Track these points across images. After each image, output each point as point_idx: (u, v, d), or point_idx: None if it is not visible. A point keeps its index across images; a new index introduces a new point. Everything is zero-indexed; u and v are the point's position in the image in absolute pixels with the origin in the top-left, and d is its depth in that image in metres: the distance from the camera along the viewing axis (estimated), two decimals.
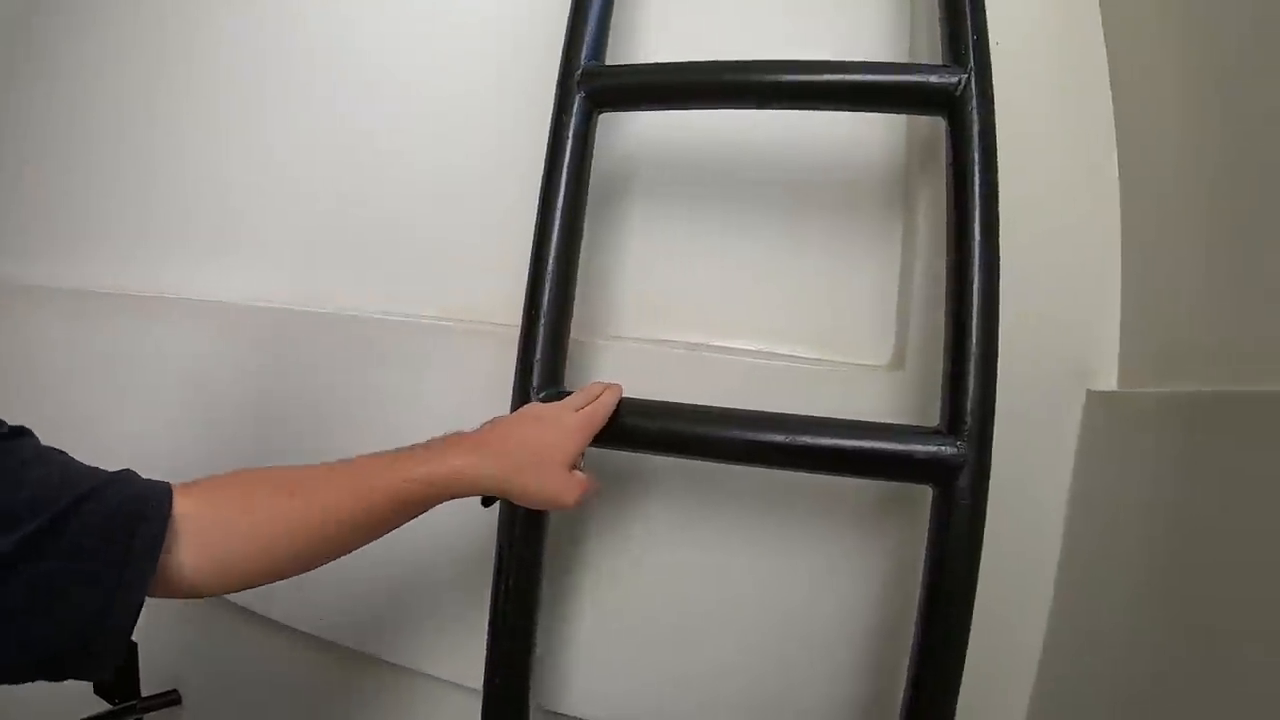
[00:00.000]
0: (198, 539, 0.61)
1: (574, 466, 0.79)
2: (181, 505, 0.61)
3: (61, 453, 0.60)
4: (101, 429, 1.43)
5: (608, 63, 0.98)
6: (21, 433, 0.60)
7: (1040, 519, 0.87)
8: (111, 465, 0.62)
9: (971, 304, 0.79)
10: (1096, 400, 0.87)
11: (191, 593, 0.62)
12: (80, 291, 1.52)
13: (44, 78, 1.84)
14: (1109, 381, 0.88)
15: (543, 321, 0.90)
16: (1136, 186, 0.89)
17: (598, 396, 0.84)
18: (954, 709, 0.78)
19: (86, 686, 1.43)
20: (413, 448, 0.75)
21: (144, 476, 0.62)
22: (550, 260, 0.90)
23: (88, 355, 1.50)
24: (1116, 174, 0.91)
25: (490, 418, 0.82)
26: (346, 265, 1.22)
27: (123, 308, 1.44)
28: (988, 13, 0.87)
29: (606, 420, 0.82)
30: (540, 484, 0.75)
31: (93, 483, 0.58)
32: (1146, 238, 0.87)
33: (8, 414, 0.64)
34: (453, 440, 0.76)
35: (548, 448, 0.76)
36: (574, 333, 0.94)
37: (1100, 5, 0.95)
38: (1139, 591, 0.75)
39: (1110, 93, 0.93)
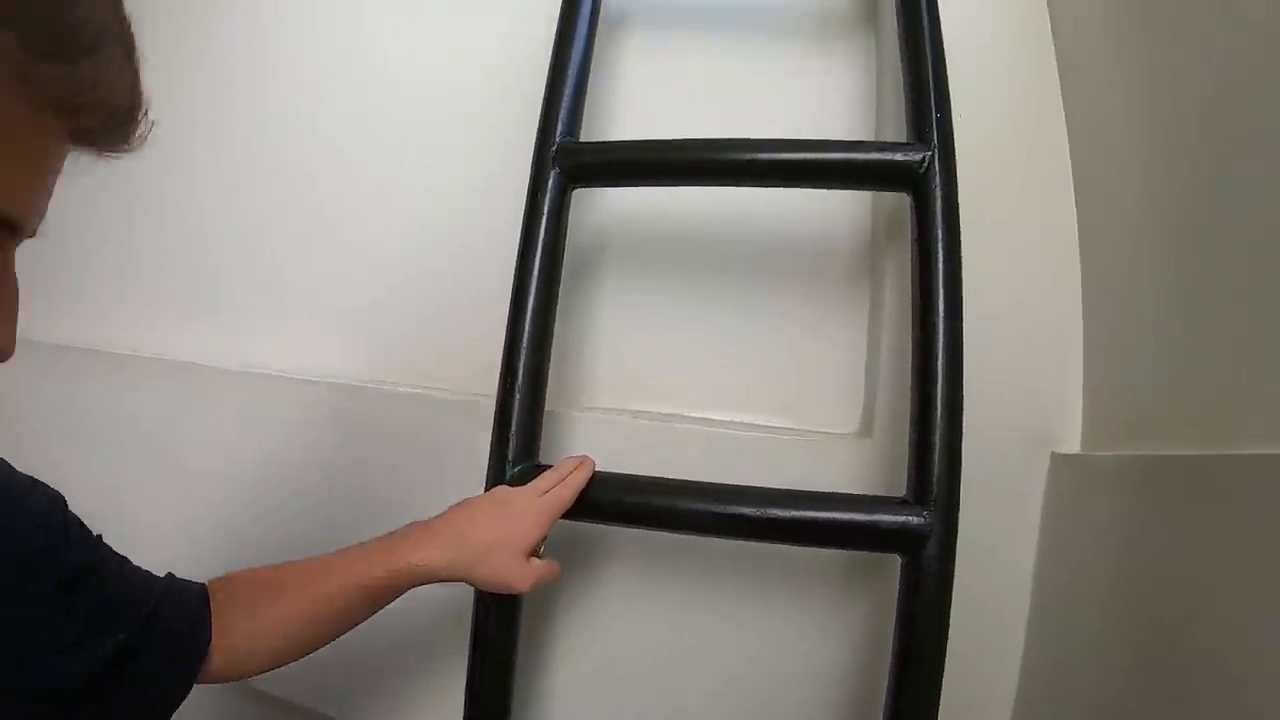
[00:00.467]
0: (216, 642, 0.71)
1: (534, 552, 0.80)
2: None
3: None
4: (75, 483, 1.41)
5: (583, 138, 1.00)
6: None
7: (1009, 579, 0.89)
8: (85, 519, 0.69)
9: (936, 377, 0.81)
10: (1061, 463, 0.89)
11: (206, 680, 0.71)
12: (59, 347, 1.52)
13: None
14: (1073, 444, 0.90)
15: (518, 395, 0.91)
16: (1097, 254, 0.92)
17: (569, 473, 0.85)
18: None
19: None
20: (380, 540, 0.79)
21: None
22: (525, 334, 0.92)
23: (66, 410, 1.49)
24: (1077, 242, 0.94)
25: (462, 499, 0.83)
26: (324, 332, 1.23)
27: (100, 365, 1.44)
28: (952, 86, 0.90)
29: (574, 499, 0.84)
30: (494, 574, 0.78)
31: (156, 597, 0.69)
32: (1107, 304, 0.89)
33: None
34: (416, 531, 0.79)
35: (505, 540, 0.78)
36: (549, 403, 0.95)
37: (1060, 78, 0.99)
38: (1106, 650, 0.76)
39: (1071, 163, 0.96)
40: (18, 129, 0.39)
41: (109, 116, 0.42)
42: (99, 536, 0.70)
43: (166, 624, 0.68)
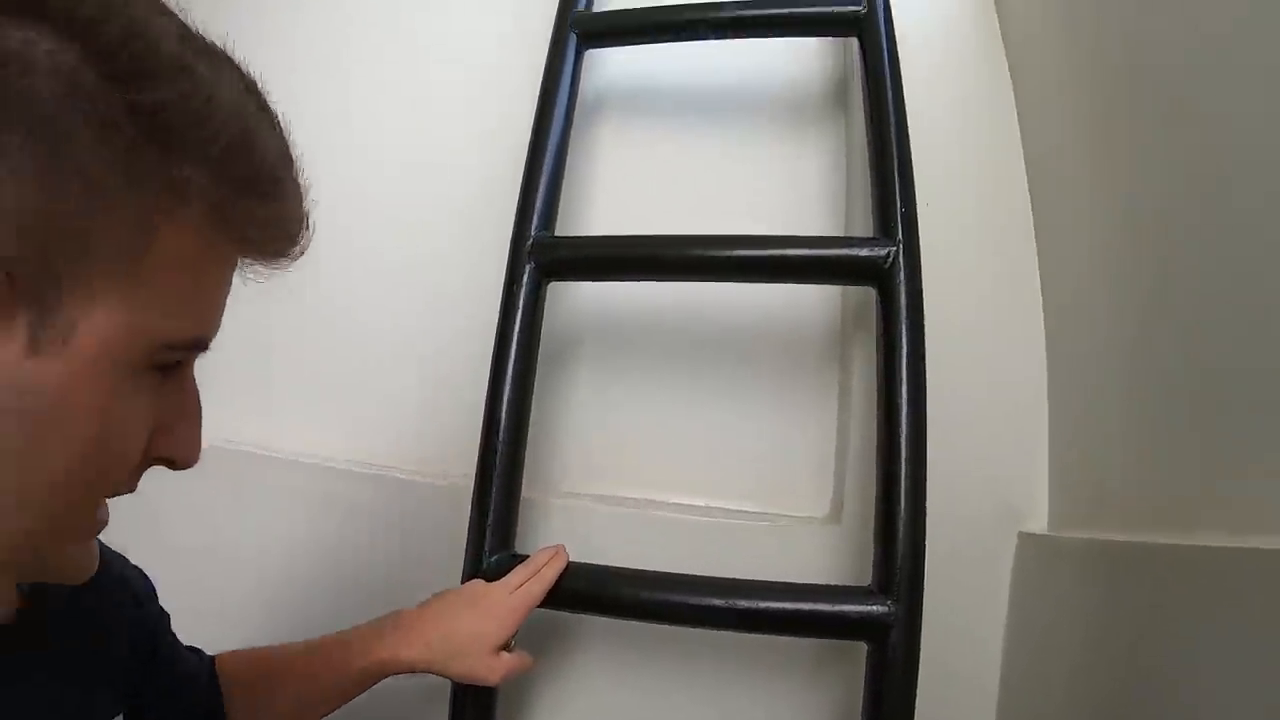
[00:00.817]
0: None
1: (505, 646, 0.83)
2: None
3: None
4: None
5: (561, 222, 1.03)
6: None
7: (979, 656, 0.90)
8: None
9: (900, 468, 0.83)
10: (1028, 542, 0.91)
11: None
12: None
13: None
14: (1040, 524, 0.92)
15: (495, 484, 0.92)
16: (1063, 340, 0.94)
17: (542, 567, 0.87)
18: None
19: None
20: (364, 630, 0.82)
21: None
22: (502, 424, 0.93)
23: None
24: (1043, 328, 0.97)
25: (440, 591, 0.86)
26: (308, 413, 1.24)
27: None
28: (920, 175, 0.93)
29: (546, 593, 0.86)
30: (465, 669, 0.81)
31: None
32: (1073, 389, 0.92)
33: None
34: (396, 626, 0.82)
35: (476, 637, 0.81)
36: (526, 489, 0.97)
37: (1027, 169, 1.02)
38: None
39: (1037, 252, 0.99)
40: (212, 260, 0.43)
41: (287, 240, 0.46)
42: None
43: (189, 704, 0.73)
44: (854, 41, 1.03)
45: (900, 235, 0.89)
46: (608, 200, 1.15)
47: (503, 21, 1.27)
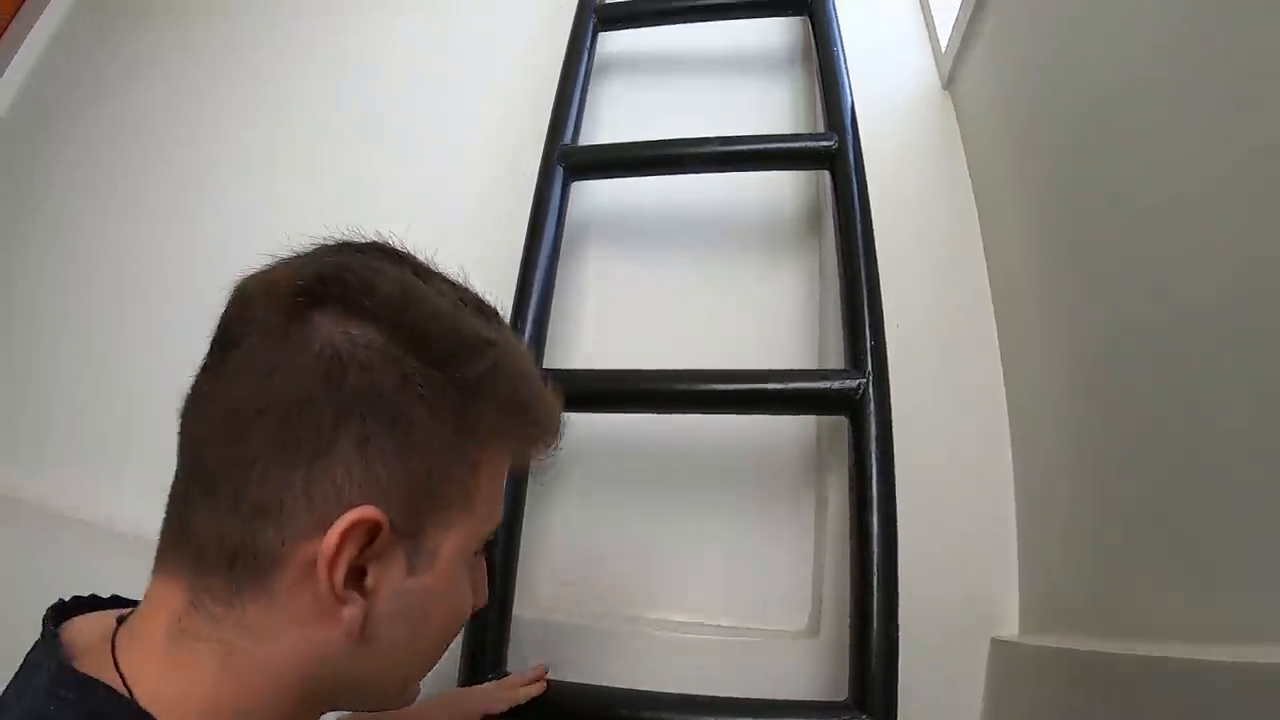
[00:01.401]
0: None
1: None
2: None
3: None
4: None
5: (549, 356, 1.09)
6: None
7: None
8: None
9: (872, 588, 0.87)
10: (1000, 648, 0.94)
11: None
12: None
13: None
14: (1011, 630, 0.95)
15: (491, 608, 0.96)
16: (1027, 454, 1.00)
17: (528, 683, 0.93)
18: None
19: None
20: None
21: None
22: (497, 548, 0.98)
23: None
24: (1010, 447, 1.02)
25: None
26: None
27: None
28: (890, 296, 0.98)
29: (514, 702, 0.91)
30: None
31: None
32: (1038, 499, 0.96)
33: None
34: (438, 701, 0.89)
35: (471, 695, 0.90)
36: (516, 609, 1.00)
37: (990, 284, 1.09)
38: None
39: (1001, 369, 1.05)
40: (502, 473, 0.54)
41: (555, 439, 0.58)
42: None
43: None
44: (826, 174, 1.10)
45: (870, 367, 0.94)
46: (593, 331, 1.21)
47: (498, 162, 1.34)
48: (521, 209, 1.14)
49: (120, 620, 0.49)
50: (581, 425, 1.15)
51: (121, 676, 0.44)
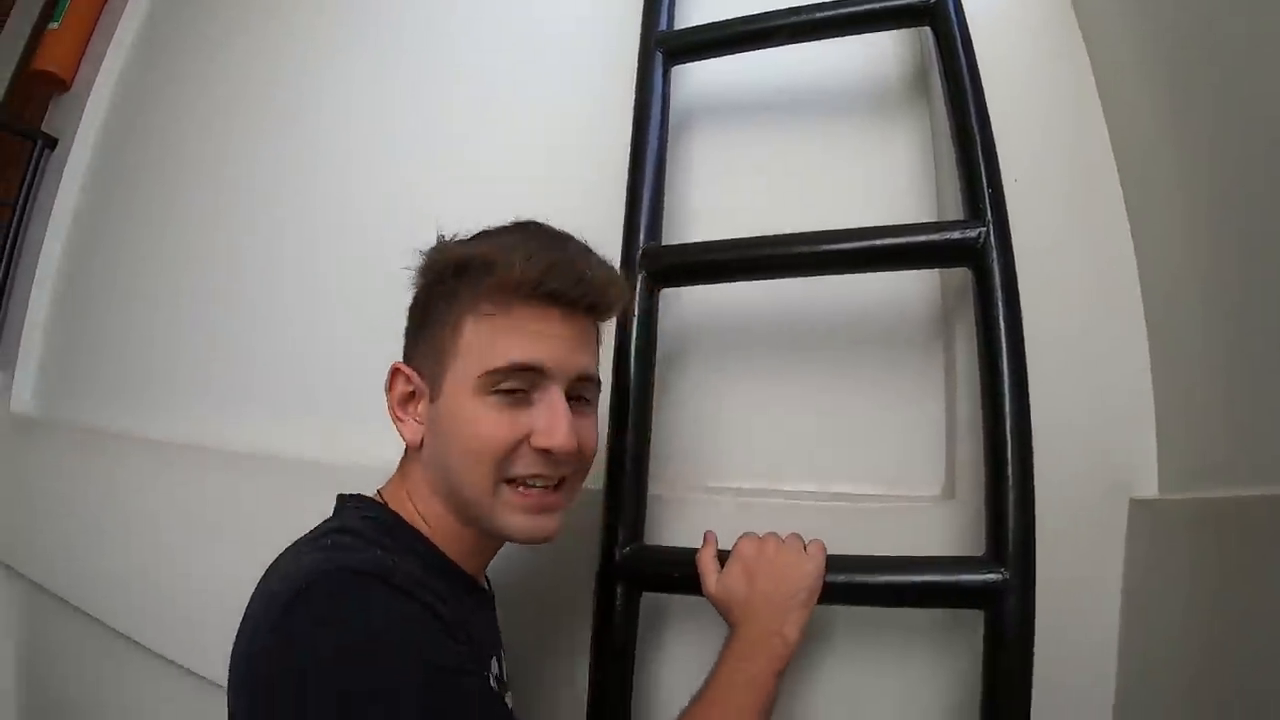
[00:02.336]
0: None
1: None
2: None
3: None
4: (179, 568, 1.67)
5: (665, 243, 1.09)
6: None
7: (1097, 623, 0.91)
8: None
9: (1005, 438, 0.86)
10: (1139, 508, 0.91)
11: None
12: (158, 442, 1.81)
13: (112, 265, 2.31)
14: (1150, 489, 0.93)
15: (624, 483, 1.00)
16: (1159, 300, 0.96)
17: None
18: None
19: None
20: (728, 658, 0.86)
21: None
22: (629, 427, 1.01)
23: (167, 500, 1.75)
24: (1140, 292, 0.98)
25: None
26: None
27: (193, 459, 1.71)
28: (1005, 152, 0.96)
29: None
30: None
31: None
32: (1174, 346, 0.93)
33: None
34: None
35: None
36: (651, 487, 1.03)
37: (1109, 133, 1.03)
38: (1196, 696, 0.78)
39: (1127, 216, 1.00)
40: (492, 323, 0.79)
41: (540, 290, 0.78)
42: None
43: None
44: (928, 30, 1.06)
45: (989, 216, 0.92)
46: (707, 208, 1.20)
47: (592, 50, 1.35)
48: (627, 96, 1.15)
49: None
50: (704, 300, 1.15)
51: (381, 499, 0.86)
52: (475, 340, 0.78)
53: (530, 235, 0.82)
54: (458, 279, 0.79)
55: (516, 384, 0.78)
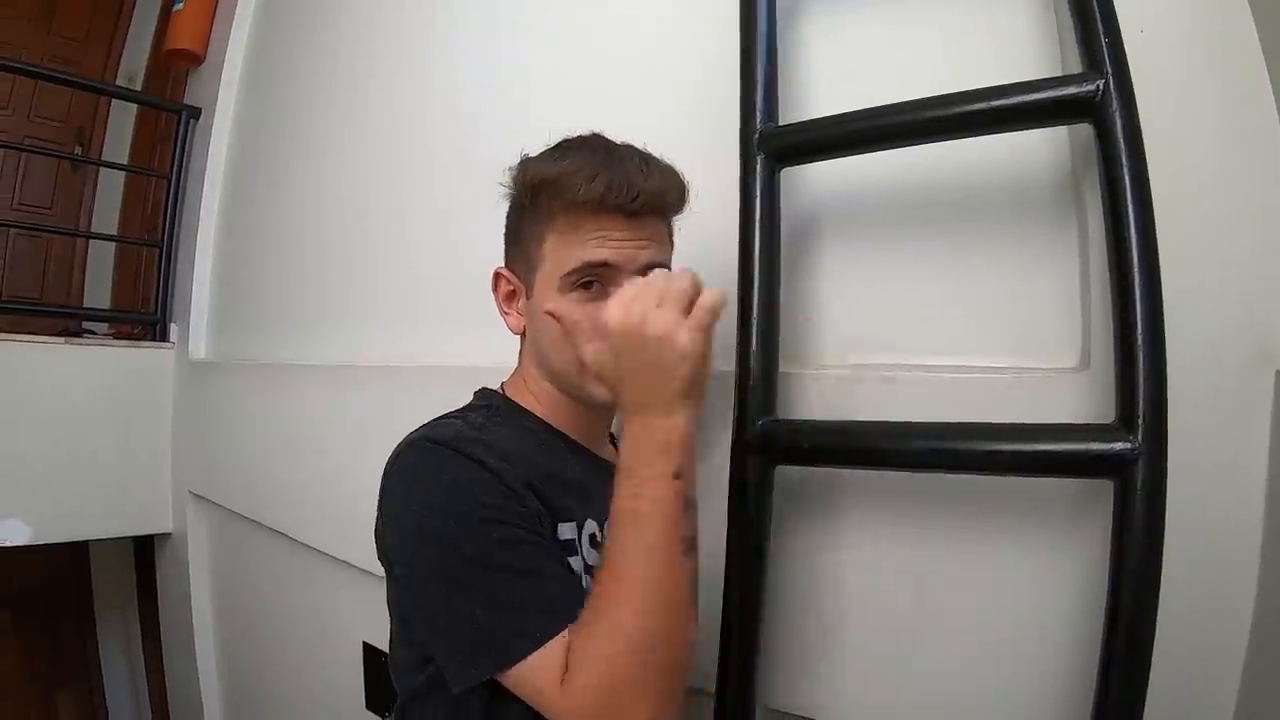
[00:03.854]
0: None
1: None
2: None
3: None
4: (340, 476, 1.91)
5: (781, 123, 1.09)
6: None
7: (1239, 507, 0.87)
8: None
9: (1134, 301, 0.84)
10: None
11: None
12: (315, 367, 2.08)
13: (262, 217, 2.59)
14: None
15: (753, 361, 1.03)
16: None
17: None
18: (1142, 704, 0.80)
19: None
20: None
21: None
22: (754, 306, 1.04)
23: (326, 416, 2.01)
24: None
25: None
26: None
27: (346, 377, 1.97)
28: (1126, 4, 0.91)
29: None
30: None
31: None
32: None
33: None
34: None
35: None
36: (782, 365, 1.05)
37: None
38: None
39: (1265, 62, 0.94)
40: (562, 230, 0.95)
41: (600, 201, 0.92)
42: None
43: None
44: None
45: (1108, 67, 0.88)
46: (822, 88, 1.19)
47: None
48: None
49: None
50: (826, 175, 1.15)
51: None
52: (554, 252, 0.94)
53: (591, 153, 0.94)
54: (534, 202, 0.95)
55: (591, 278, 0.93)
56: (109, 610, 4.07)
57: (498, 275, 1.04)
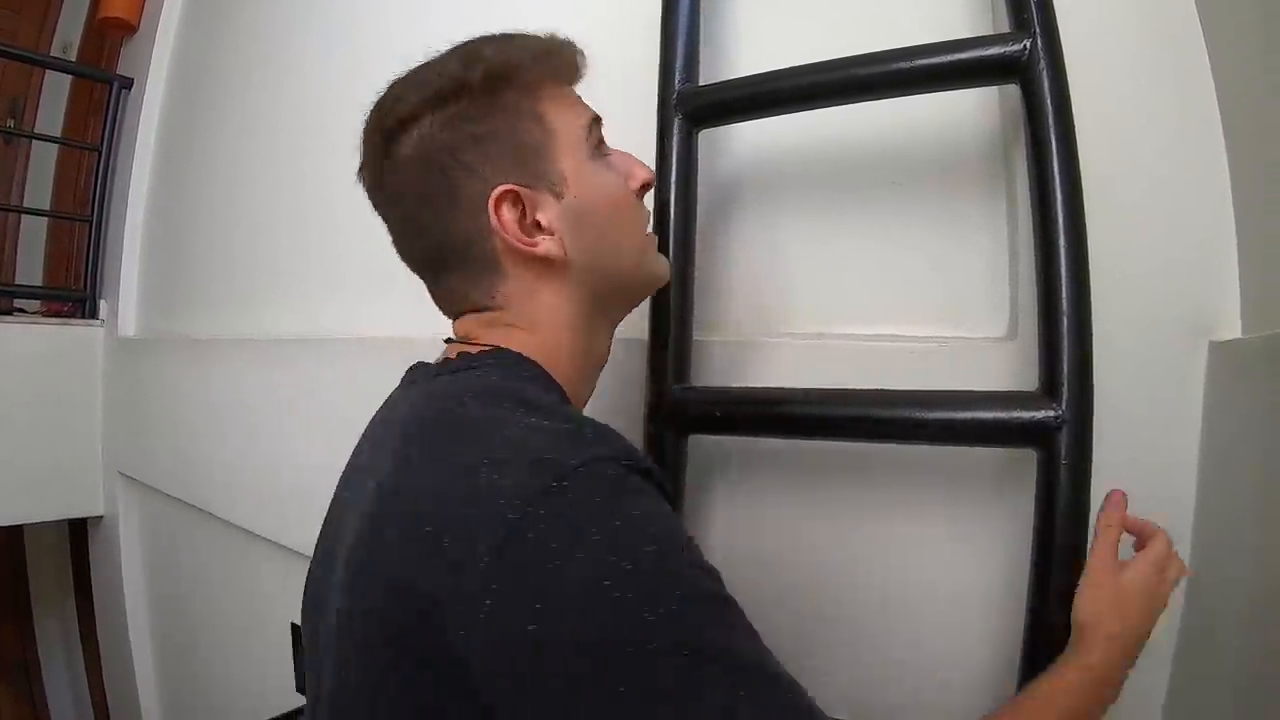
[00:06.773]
0: None
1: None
2: None
3: None
4: (271, 454, 1.86)
5: (700, 83, 1.06)
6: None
7: (1171, 477, 0.85)
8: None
9: (1059, 266, 0.82)
10: (1220, 351, 0.85)
11: None
12: (246, 340, 2.03)
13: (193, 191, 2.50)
14: (1233, 331, 0.86)
15: (669, 330, 1.00)
16: (1240, 115, 0.87)
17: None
18: None
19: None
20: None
21: None
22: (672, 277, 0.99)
23: (257, 391, 1.96)
24: (1218, 113, 0.89)
25: None
26: None
27: (277, 351, 1.92)
28: None
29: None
30: None
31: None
32: (1258, 177, 0.85)
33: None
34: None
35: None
36: (698, 334, 1.03)
37: None
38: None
39: (1201, 26, 0.91)
40: (543, 100, 0.81)
41: (550, 64, 0.82)
42: None
43: None
44: None
45: (1036, 27, 0.86)
46: (744, 49, 1.16)
47: None
48: None
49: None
50: (748, 141, 1.13)
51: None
52: (559, 115, 0.80)
53: (516, 36, 0.83)
54: (507, 83, 0.78)
55: (600, 138, 0.84)
56: (46, 599, 3.97)
57: (500, 200, 0.75)
